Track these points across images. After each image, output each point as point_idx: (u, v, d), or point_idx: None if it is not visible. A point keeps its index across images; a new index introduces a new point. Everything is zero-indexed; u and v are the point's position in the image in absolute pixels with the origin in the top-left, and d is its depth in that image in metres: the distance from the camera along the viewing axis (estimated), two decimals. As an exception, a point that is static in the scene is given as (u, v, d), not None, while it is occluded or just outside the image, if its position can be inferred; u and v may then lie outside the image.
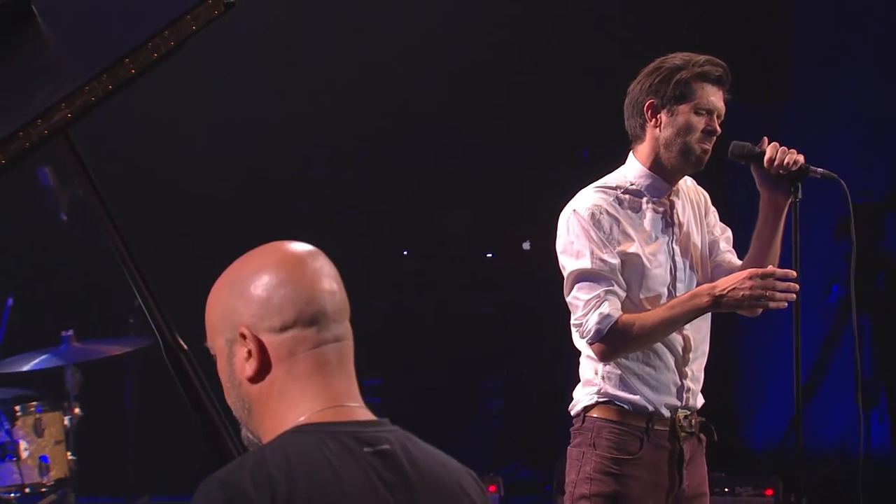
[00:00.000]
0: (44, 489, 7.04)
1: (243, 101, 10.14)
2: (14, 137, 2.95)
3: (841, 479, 7.71)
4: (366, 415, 2.42)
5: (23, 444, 6.96)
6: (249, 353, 2.39)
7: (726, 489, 7.05)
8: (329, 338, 2.40)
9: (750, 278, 4.44)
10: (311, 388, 2.38)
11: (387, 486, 2.31)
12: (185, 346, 3.22)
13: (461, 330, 10.93)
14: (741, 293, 4.44)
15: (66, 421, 7.20)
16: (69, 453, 7.18)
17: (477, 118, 10.34)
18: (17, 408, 7.06)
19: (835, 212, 9.17)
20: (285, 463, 2.24)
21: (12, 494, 6.87)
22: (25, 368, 7.18)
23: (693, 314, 4.53)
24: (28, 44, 3.28)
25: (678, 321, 4.53)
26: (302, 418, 2.36)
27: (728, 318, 4.95)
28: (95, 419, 7.58)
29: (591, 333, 4.47)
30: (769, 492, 6.98)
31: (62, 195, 7.50)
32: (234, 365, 2.42)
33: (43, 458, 7.02)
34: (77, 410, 7.27)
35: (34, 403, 7.15)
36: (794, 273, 4.47)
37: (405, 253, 11.30)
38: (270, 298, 2.37)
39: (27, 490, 6.94)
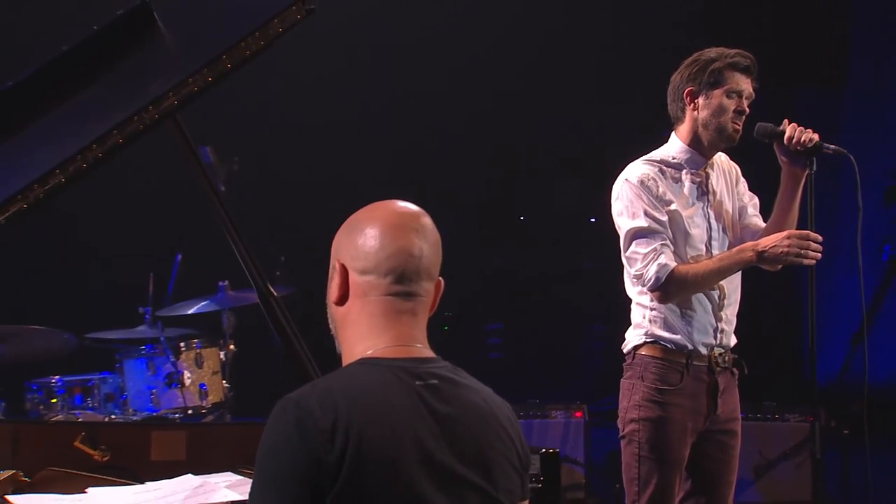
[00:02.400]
0: (203, 411, 7.18)
1: (376, 82, 10.20)
2: (130, 121, 3.08)
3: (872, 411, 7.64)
4: (424, 353, 2.46)
5: (186, 374, 7.11)
6: (339, 282, 2.48)
7: (776, 416, 7.02)
8: (399, 291, 2.44)
9: (788, 238, 4.46)
10: (379, 325, 2.44)
11: (432, 414, 2.35)
12: (275, 293, 3.36)
13: (569, 283, 10.96)
14: (780, 250, 4.45)
15: (222, 355, 7.35)
16: (224, 382, 7.33)
17: (584, 103, 10.34)
18: (182, 344, 7.21)
19: (883, 182, 9.06)
20: (348, 391, 2.30)
21: (176, 416, 7.02)
22: (189, 312, 7.36)
23: (739, 266, 4.56)
24: (150, 43, 3.40)
25: (726, 271, 4.55)
26: (369, 352, 2.42)
27: (795, 274, 4.95)
28: (246, 354, 7.74)
29: (652, 281, 4.51)
30: (812, 418, 6.95)
31: (220, 170, 7.67)
32: (330, 287, 2.50)
33: (202, 386, 7.18)
34: (231, 347, 7.43)
35: (195, 340, 7.30)
36: (821, 237, 4.47)
37: (521, 218, 11.36)
38: (364, 245, 2.43)
39: (189, 412, 7.09)
